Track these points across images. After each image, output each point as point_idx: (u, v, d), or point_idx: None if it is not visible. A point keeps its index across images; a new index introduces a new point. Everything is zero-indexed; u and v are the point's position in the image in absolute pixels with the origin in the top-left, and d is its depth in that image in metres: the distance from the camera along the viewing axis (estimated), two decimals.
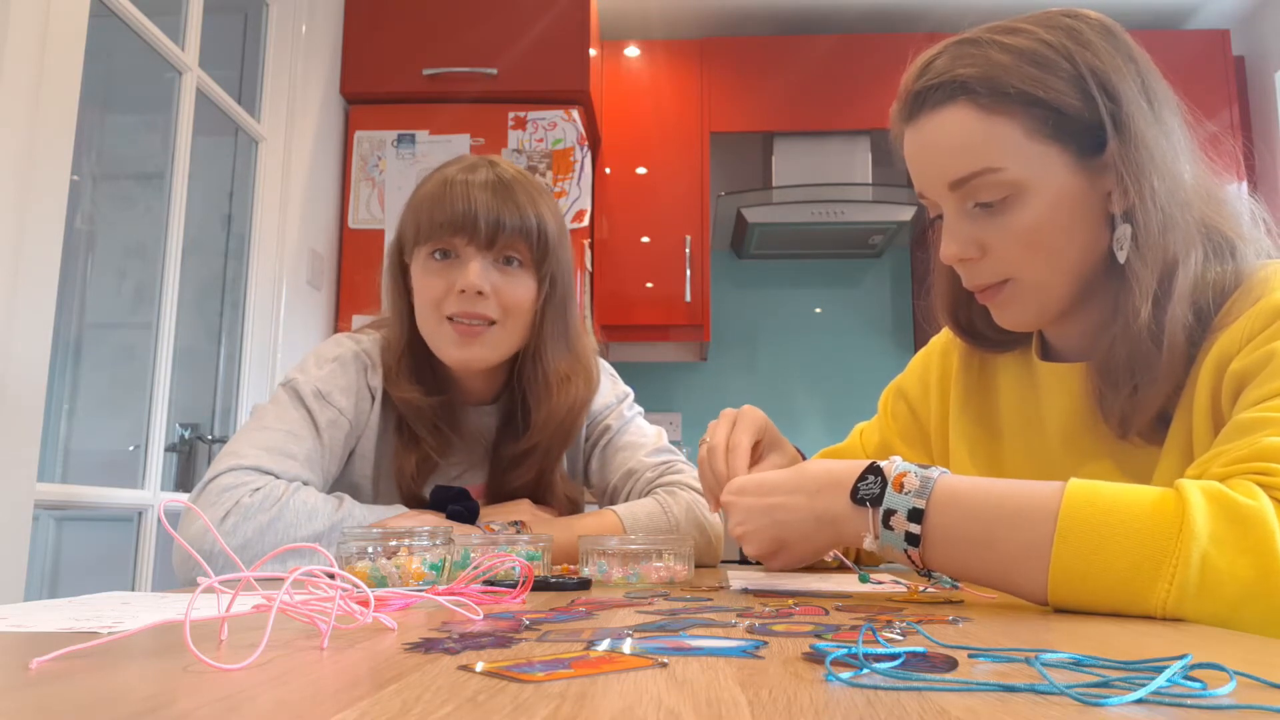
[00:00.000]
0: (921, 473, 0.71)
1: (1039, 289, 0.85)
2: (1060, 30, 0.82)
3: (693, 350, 3.60)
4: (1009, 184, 0.81)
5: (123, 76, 2.23)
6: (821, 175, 3.33)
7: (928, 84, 0.84)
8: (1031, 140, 0.81)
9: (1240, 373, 0.75)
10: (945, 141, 0.83)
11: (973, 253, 0.85)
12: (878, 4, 3.37)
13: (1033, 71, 0.81)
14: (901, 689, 0.35)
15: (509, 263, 1.13)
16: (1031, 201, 0.81)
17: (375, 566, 0.79)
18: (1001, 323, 0.90)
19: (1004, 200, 0.82)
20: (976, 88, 0.81)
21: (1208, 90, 3.25)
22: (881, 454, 1.11)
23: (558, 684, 0.36)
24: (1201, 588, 0.60)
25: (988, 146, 0.81)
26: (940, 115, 0.83)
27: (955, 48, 0.85)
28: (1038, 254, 0.83)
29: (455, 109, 2.74)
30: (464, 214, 1.09)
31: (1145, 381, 0.80)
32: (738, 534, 0.81)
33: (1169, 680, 0.34)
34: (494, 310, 1.11)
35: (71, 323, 2.04)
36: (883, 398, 1.16)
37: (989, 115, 0.81)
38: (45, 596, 1.41)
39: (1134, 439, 0.83)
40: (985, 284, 0.87)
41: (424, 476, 1.16)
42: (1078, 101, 0.80)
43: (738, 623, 0.55)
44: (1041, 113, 0.80)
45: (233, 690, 0.35)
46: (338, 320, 2.72)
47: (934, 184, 0.86)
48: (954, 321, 1.00)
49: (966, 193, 0.83)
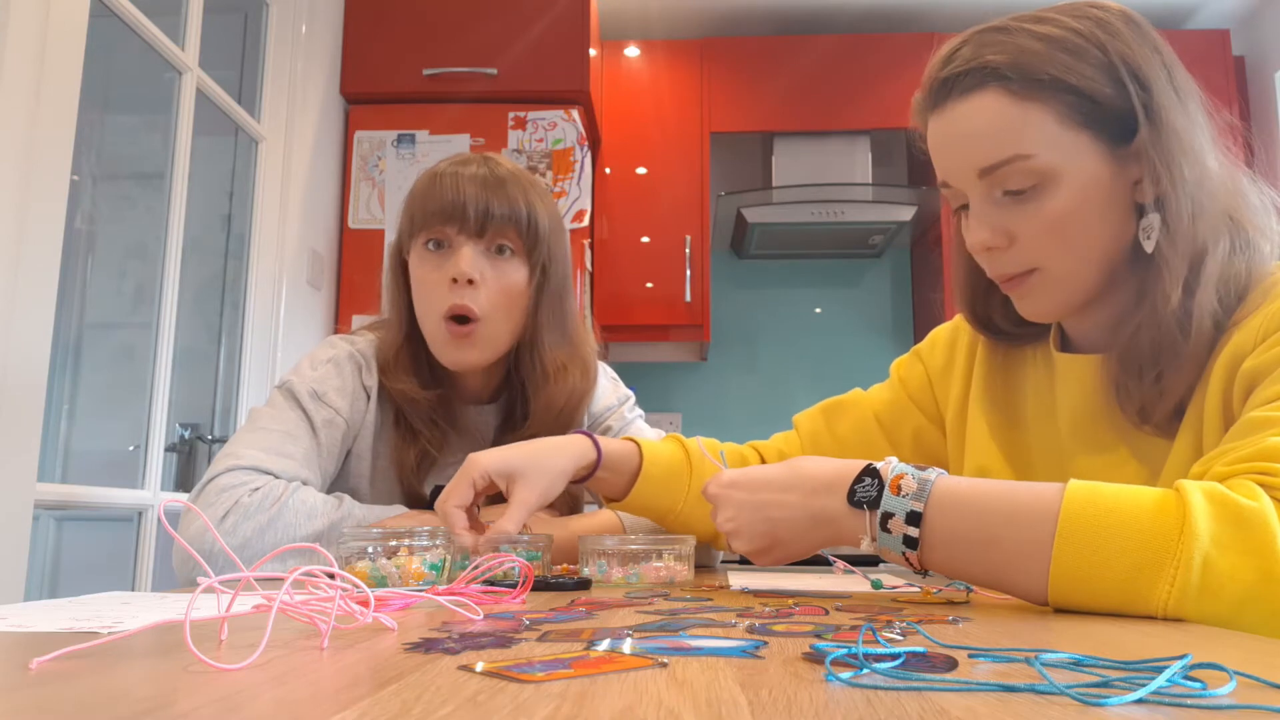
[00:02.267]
0: (919, 475, 0.71)
1: (1065, 278, 0.84)
2: (1089, 20, 0.82)
3: (693, 350, 3.60)
4: (1040, 171, 0.81)
5: (123, 76, 2.23)
6: (821, 175, 3.32)
7: (955, 71, 0.83)
8: (1063, 127, 0.80)
9: (1252, 371, 0.75)
10: (975, 128, 0.82)
11: (1000, 241, 0.84)
12: (878, 4, 3.37)
13: (1065, 58, 0.80)
14: (901, 689, 0.35)
15: (500, 251, 1.14)
16: (1062, 190, 0.81)
17: (375, 566, 0.79)
18: (1024, 313, 0.89)
19: (1034, 188, 0.81)
20: (1008, 74, 0.81)
21: (1208, 90, 3.22)
22: (891, 411, 1.09)
23: (558, 684, 0.36)
24: (1203, 589, 0.60)
25: (1020, 133, 0.80)
26: (969, 102, 0.83)
27: (981, 35, 0.84)
28: (1066, 243, 0.82)
29: (455, 109, 2.74)
30: (454, 203, 1.11)
31: (1170, 369, 0.80)
32: (727, 530, 0.80)
33: (1169, 680, 0.34)
34: (483, 302, 1.11)
35: (71, 323, 2.04)
36: (895, 364, 1.13)
37: (1021, 101, 0.80)
38: (45, 596, 1.41)
39: (1147, 429, 0.83)
40: (1011, 273, 0.86)
41: (424, 471, 1.16)
42: (1109, 89, 0.80)
43: (738, 623, 0.55)
44: (1074, 100, 0.80)
45: (233, 690, 0.35)
46: (338, 320, 2.72)
47: (962, 171, 0.85)
48: (972, 314, 0.99)
49: (995, 180, 0.83)
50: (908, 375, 1.10)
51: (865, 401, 1.12)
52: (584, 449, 0.99)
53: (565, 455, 0.97)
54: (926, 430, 1.08)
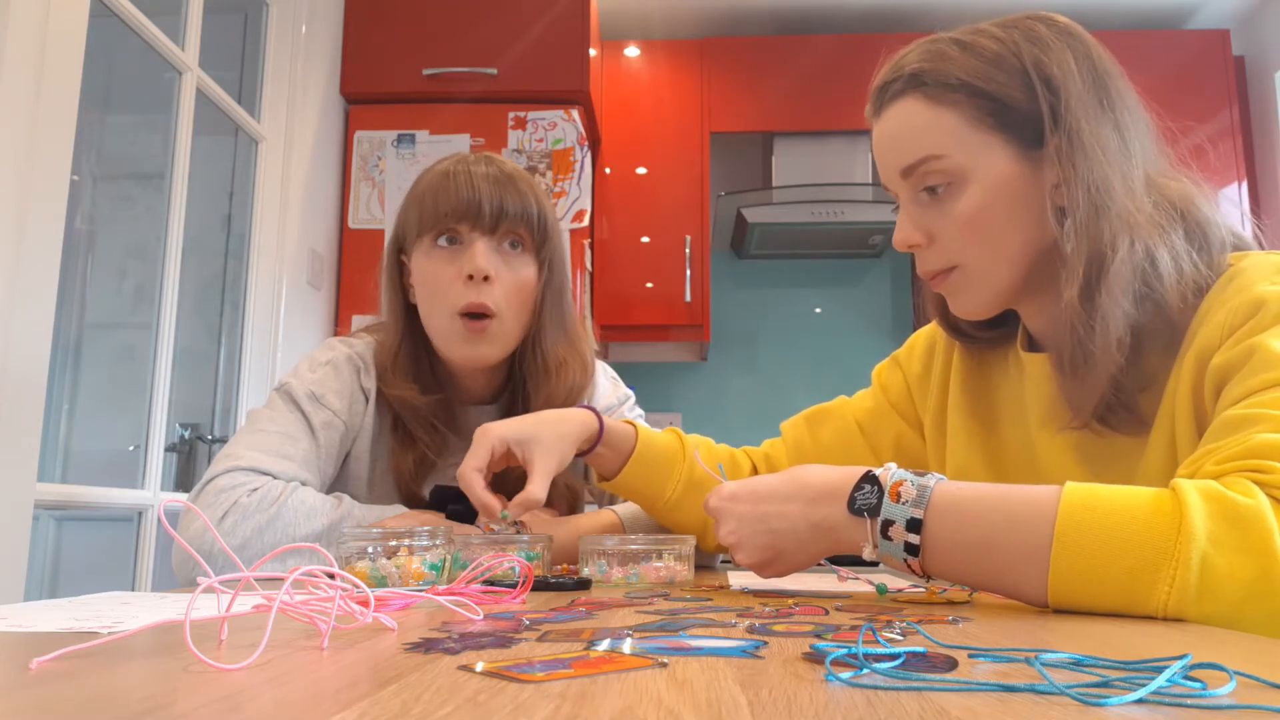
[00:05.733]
0: (918, 481, 0.71)
1: (983, 276, 0.88)
2: (1017, 30, 0.87)
3: (693, 350, 3.60)
4: (951, 171, 0.85)
5: (123, 76, 2.23)
6: (821, 175, 3.32)
7: (886, 79, 0.90)
8: (973, 129, 0.85)
9: (1222, 367, 0.75)
10: (897, 131, 0.88)
11: (919, 239, 0.89)
12: (878, 4, 3.37)
13: (977, 65, 0.85)
14: (901, 689, 0.35)
15: (513, 246, 1.15)
16: (972, 189, 0.85)
17: (375, 566, 0.79)
18: (954, 310, 0.93)
19: (948, 187, 0.86)
20: (925, 79, 0.86)
21: (1208, 90, 3.25)
22: (872, 419, 1.12)
23: (558, 684, 0.36)
24: (1202, 590, 0.60)
25: (931, 134, 0.86)
26: (895, 107, 0.89)
27: (917, 46, 0.90)
28: (979, 241, 0.86)
29: (455, 109, 2.74)
30: (469, 200, 1.11)
31: (1085, 368, 0.82)
32: (729, 543, 0.80)
33: (1169, 680, 0.34)
34: (498, 298, 1.12)
35: (71, 323, 2.04)
36: (876, 370, 1.16)
37: (935, 105, 0.86)
38: (45, 596, 1.41)
39: (1096, 427, 0.84)
40: (934, 270, 0.90)
41: (422, 476, 1.16)
42: (1020, 94, 0.84)
43: (738, 623, 0.55)
44: (984, 103, 0.84)
45: (233, 690, 0.35)
46: (338, 320, 2.72)
47: (889, 172, 0.91)
48: (943, 318, 1.02)
49: (915, 180, 0.88)
50: (889, 382, 1.13)
51: (848, 409, 1.14)
52: (588, 419, 1.02)
53: (572, 423, 1.01)
54: (907, 436, 1.10)
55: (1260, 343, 0.72)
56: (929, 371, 1.08)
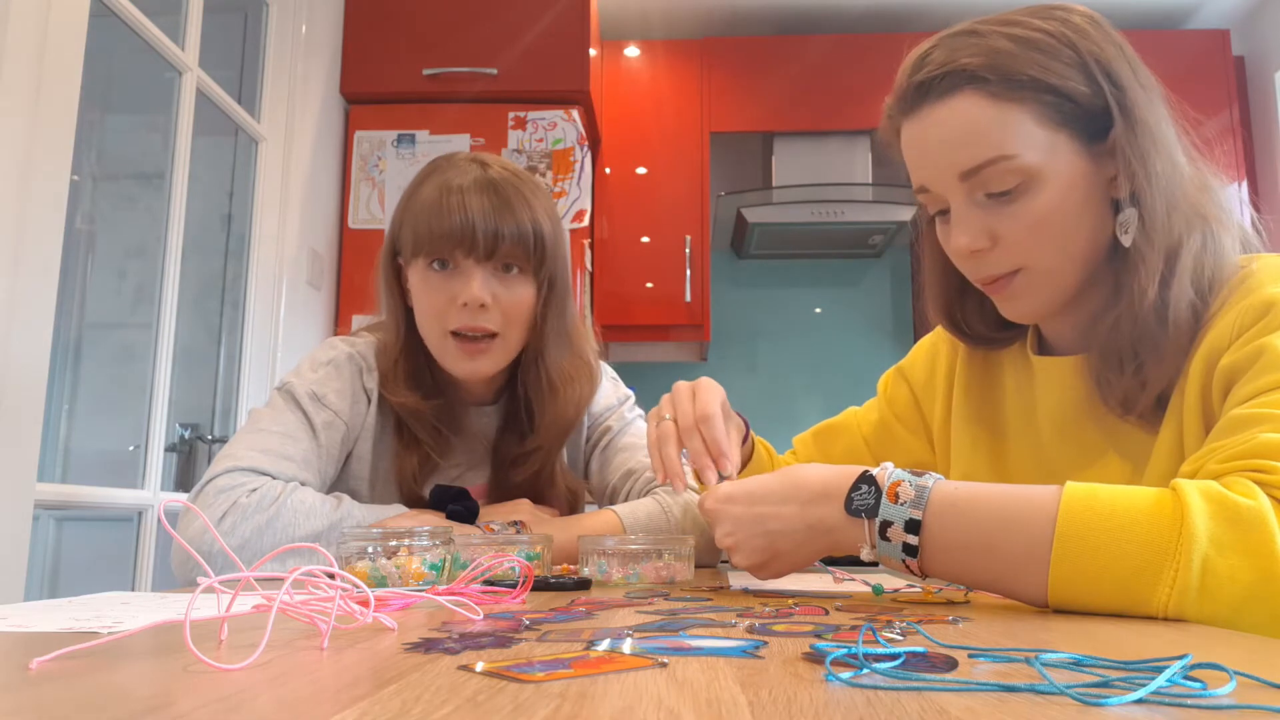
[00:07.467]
0: (916, 481, 0.70)
1: (1049, 277, 0.85)
2: (1055, 20, 0.83)
3: (693, 350, 3.60)
4: (1022, 171, 0.81)
5: (123, 76, 2.23)
6: (821, 175, 3.32)
7: (929, 75, 0.84)
8: (1042, 127, 0.81)
9: (1230, 368, 0.75)
10: (954, 131, 0.83)
11: (984, 243, 0.84)
12: (878, 4, 3.37)
13: (1040, 58, 0.81)
14: (901, 689, 0.35)
15: (508, 269, 1.13)
16: (1044, 189, 0.81)
17: (375, 566, 0.79)
18: (1008, 314, 0.89)
19: (1016, 188, 0.82)
20: (985, 75, 0.81)
21: (1208, 90, 3.25)
22: (878, 434, 1.11)
23: (558, 684, 0.36)
24: (1202, 591, 0.60)
25: (1000, 134, 0.81)
26: (946, 105, 0.83)
27: (951, 39, 0.85)
28: (1049, 241, 0.83)
29: (455, 109, 2.74)
30: (462, 226, 1.09)
31: (1150, 360, 0.80)
32: (727, 545, 0.79)
33: (1169, 680, 0.34)
34: (496, 321, 1.11)
35: (71, 323, 2.04)
36: (882, 380, 1.15)
37: (999, 102, 0.81)
38: (45, 596, 1.41)
39: (1131, 421, 0.83)
40: (996, 275, 0.86)
41: (425, 477, 1.16)
42: (1085, 88, 0.81)
43: (738, 623, 0.55)
44: (1052, 99, 0.81)
45: (233, 690, 0.35)
46: (338, 320, 2.72)
47: (942, 175, 0.85)
48: (948, 319, 1.00)
49: (978, 183, 0.83)
50: (894, 395, 1.12)
51: (854, 426, 1.14)
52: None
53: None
54: (916, 449, 1.10)
55: (1269, 344, 0.72)
56: (933, 380, 1.08)
